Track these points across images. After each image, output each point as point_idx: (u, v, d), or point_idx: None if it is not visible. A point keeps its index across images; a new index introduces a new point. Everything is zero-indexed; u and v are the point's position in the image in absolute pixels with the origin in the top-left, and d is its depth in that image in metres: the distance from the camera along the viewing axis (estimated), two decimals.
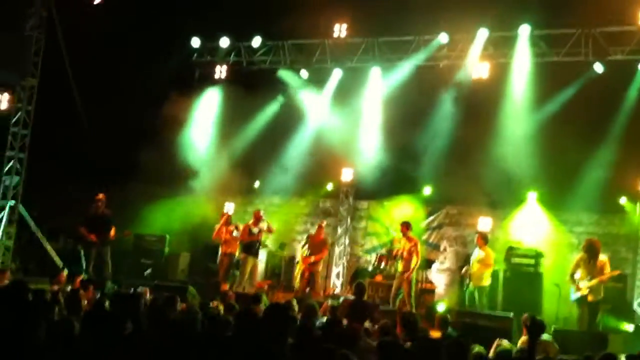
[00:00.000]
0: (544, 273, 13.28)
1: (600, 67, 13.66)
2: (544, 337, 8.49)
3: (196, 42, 16.89)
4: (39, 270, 13.02)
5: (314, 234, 13.59)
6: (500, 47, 14.68)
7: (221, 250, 13.77)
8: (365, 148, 15.95)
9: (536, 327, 6.40)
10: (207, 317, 7.16)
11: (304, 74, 16.45)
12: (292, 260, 14.97)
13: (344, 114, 16.15)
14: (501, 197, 14.17)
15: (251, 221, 13.54)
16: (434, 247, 15.47)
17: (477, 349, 6.76)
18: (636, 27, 13.19)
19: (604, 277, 10.85)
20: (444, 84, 15.03)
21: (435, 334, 8.74)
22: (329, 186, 16.51)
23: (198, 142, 16.84)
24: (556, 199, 14.02)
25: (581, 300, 11.00)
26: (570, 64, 13.97)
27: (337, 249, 16.15)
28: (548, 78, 13.91)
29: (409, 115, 15.12)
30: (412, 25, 14.94)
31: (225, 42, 16.62)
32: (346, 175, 16.06)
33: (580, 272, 11.04)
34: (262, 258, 15.89)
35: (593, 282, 10.85)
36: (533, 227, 14.40)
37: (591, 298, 10.88)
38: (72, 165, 16.16)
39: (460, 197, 15.14)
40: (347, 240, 16.42)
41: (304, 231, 16.33)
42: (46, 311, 6.33)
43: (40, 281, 11.70)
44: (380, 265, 13.74)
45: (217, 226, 13.82)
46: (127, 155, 15.78)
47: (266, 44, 16.49)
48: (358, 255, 15.38)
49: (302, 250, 13.50)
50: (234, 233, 13.58)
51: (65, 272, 11.71)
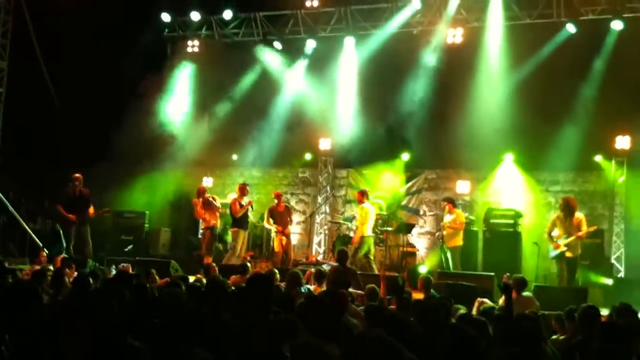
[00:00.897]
0: (522, 232, 13.46)
1: (572, 27, 13.73)
2: (525, 294, 8.69)
3: (166, 17, 16.71)
4: (19, 251, 12.93)
5: (275, 205, 13.60)
6: (473, 11, 14.71)
7: (202, 224, 13.69)
8: (342, 117, 15.95)
9: (508, 287, 6.57)
10: (189, 290, 7.21)
11: (278, 45, 16.34)
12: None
13: (319, 84, 16.11)
14: (478, 160, 14.27)
15: (237, 195, 13.47)
16: (414, 211, 15.58)
17: (462, 310, 6.88)
18: None
19: (580, 234, 11.07)
20: (419, 50, 15.02)
21: (418, 295, 8.86)
22: (308, 156, 16.51)
23: (174, 117, 16.71)
24: (532, 160, 14.17)
25: (560, 257, 11.23)
26: (543, 25, 14.05)
27: (317, 218, 16.23)
28: (522, 41, 13.96)
29: (384, 82, 15.15)
30: None
31: (196, 16, 16.48)
32: (324, 144, 16.09)
33: (558, 230, 11.25)
34: None
35: (570, 239, 11.06)
36: (511, 188, 14.56)
37: (569, 254, 11.11)
38: (47, 146, 16.02)
39: (438, 161, 15.28)
40: (327, 208, 16.49)
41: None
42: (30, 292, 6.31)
43: (21, 262, 11.70)
44: None
45: (197, 206, 13.59)
46: (102, 134, 15.65)
47: (238, 16, 16.37)
48: (339, 223, 15.43)
49: (269, 223, 13.49)
50: (216, 203, 13.43)
51: (45, 252, 11.70)
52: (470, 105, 14.21)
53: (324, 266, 11.89)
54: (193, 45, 16.88)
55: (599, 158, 13.98)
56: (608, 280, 12.25)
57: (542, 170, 14.54)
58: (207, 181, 16.95)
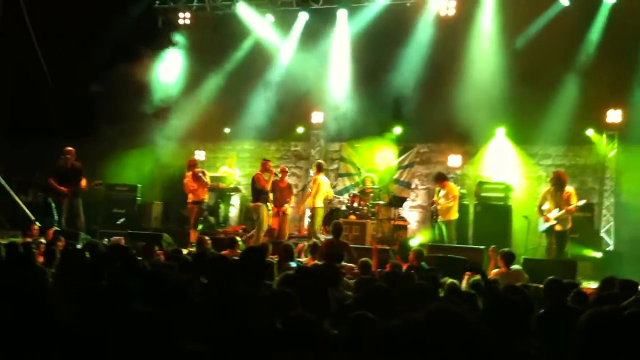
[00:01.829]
0: (513, 206, 13.52)
1: (566, 0, 13.68)
2: (514, 267, 8.77)
3: None
4: (11, 223, 12.93)
5: (279, 180, 13.62)
6: None
7: (189, 198, 13.53)
8: (334, 90, 15.91)
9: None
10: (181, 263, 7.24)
11: (270, 17, 16.22)
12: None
13: (312, 57, 16.01)
14: (470, 134, 14.30)
15: (260, 170, 13.42)
16: (406, 185, 15.62)
17: (450, 281, 6.93)
18: None
19: (570, 208, 11.16)
20: (412, 23, 14.96)
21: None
22: (300, 129, 16.48)
23: (166, 90, 16.62)
24: (524, 133, 14.18)
25: (549, 231, 11.33)
26: None
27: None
28: (515, 13, 13.90)
29: (377, 56, 15.09)
30: None
31: None
32: (316, 118, 16.06)
33: (548, 204, 11.34)
34: (235, 203, 15.98)
35: (560, 213, 11.14)
36: (502, 161, 14.60)
37: (559, 228, 11.22)
38: (38, 119, 15.95)
39: (430, 135, 15.27)
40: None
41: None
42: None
43: (13, 234, 11.69)
44: (353, 205, 13.87)
45: (186, 179, 13.49)
46: (94, 107, 15.60)
47: None
48: (331, 197, 15.46)
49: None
50: (205, 178, 13.42)
51: (37, 225, 11.71)
52: (463, 79, 14.18)
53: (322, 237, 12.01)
54: (184, 17, 16.72)
55: (590, 132, 14.01)
56: (597, 254, 12.36)
57: (533, 144, 14.57)
58: (199, 154, 16.91)
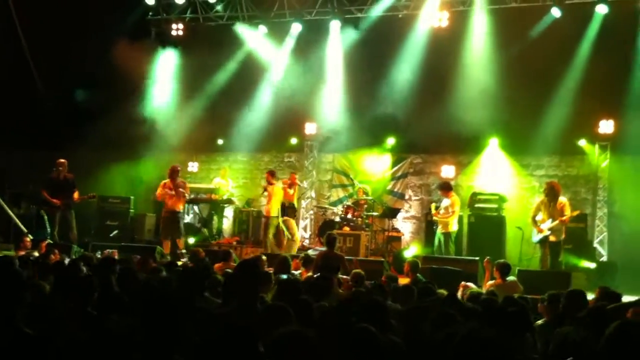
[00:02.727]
0: (506, 217, 13.53)
1: (557, 11, 13.75)
2: (510, 278, 8.77)
3: (150, 0, 16.52)
4: (4, 237, 12.85)
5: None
6: None
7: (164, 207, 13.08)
8: (328, 101, 15.93)
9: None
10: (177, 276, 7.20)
11: (263, 28, 16.25)
12: (259, 216, 15.00)
13: (305, 68, 16.06)
14: (463, 145, 14.34)
15: (287, 184, 13.50)
16: (399, 196, 15.63)
17: (447, 293, 6.91)
18: None
19: (564, 219, 11.16)
20: (405, 34, 15.01)
21: (404, 280, 8.92)
22: (293, 140, 16.49)
23: (158, 101, 16.62)
24: (517, 144, 14.23)
25: (543, 241, 11.33)
26: (528, 9, 14.06)
27: (303, 202, 16.26)
28: (507, 25, 13.97)
29: (370, 66, 15.16)
30: None
31: None
32: (310, 129, 16.07)
33: (542, 214, 11.34)
34: (228, 215, 15.95)
35: (554, 223, 11.15)
36: (495, 172, 14.64)
37: (553, 238, 11.22)
38: (30, 131, 15.88)
39: (424, 146, 15.30)
40: (313, 193, 16.52)
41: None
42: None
43: (5, 247, 11.62)
44: (347, 216, 13.87)
45: (160, 186, 13.02)
46: (87, 119, 15.54)
47: None
48: (324, 208, 15.46)
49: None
50: (184, 190, 13.01)
51: (29, 238, 11.63)
52: (456, 90, 14.23)
53: (310, 251, 11.97)
54: (177, 29, 16.72)
55: (582, 142, 14.07)
56: (591, 264, 12.38)
57: (526, 154, 14.62)
58: (193, 166, 16.92)
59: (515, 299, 6.12)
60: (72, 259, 9.25)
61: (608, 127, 13.59)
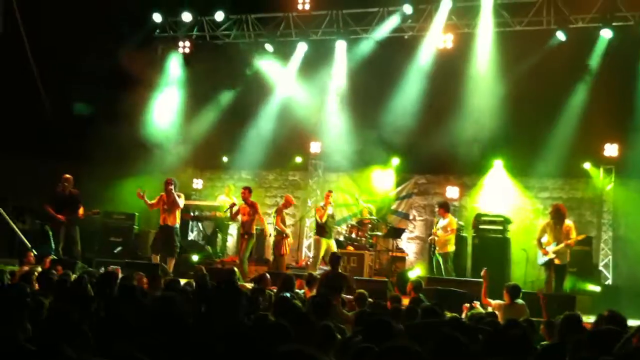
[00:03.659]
0: (511, 238, 13.51)
1: (562, 35, 13.82)
2: (519, 301, 8.71)
3: (158, 17, 16.63)
4: (7, 251, 12.84)
5: (283, 207, 13.68)
6: (464, 17, 14.75)
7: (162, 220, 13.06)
8: (333, 120, 15.98)
9: None
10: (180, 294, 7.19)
11: (269, 47, 16.34)
12: (262, 234, 14.99)
13: (310, 87, 16.14)
14: (468, 166, 14.35)
15: (323, 203, 13.22)
16: (404, 216, 15.62)
17: (449, 315, 6.90)
18: None
19: (570, 242, 11.14)
20: (410, 55, 15.08)
21: (407, 301, 8.88)
22: (298, 159, 16.54)
23: (164, 118, 16.67)
24: (521, 166, 14.27)
25: (548, 264, 11.30)
26: (533, 32, 14.14)
27: (307, 221, 16.23)
28: (512, 47, 14.04)
29: (375, 87, 15.19)
30: None
31: (187, 16, 16.40)
32: (315, 148, 16.11)
33: (547, 237, 11.32)
34: (233, 232, 15.93)
35: (559, 246, 11.13)
36: (500, 193, 14.64)
37: (558, 261, 11.19)
38: (36, 145, 15.92)
39: (428, 166, 15.33)
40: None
41: (274, 205, 16.35)
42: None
43: (9, 262, 11.61)
44: (351, 236, 13.84)
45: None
46: (91, 134, 15.57)
47: (229, 17, 16.32)
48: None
49: (279, 225, 13.46)
50: (179, 201, 12.91)
51: (33, 253, 11.62)
52: (461, 111, 14.28)
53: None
54: (184, 46, 16.81)
55: (587, 165, 14.09)
56: (596, 288, 12.33)
57: (531, 176, 14.63)
58: (197, 183, 16.95)
59: (517, 322, 6.10)
60: (78, 275, 9.22)
61: (613, 150, 13.62)
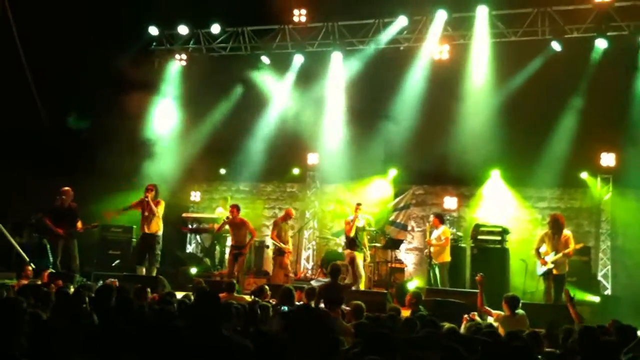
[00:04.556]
0: (510, 249, 13.50)
1: (557, 45, 13.88)
2: (519, 312, 8.68)
3: (154, 30, 16.68)
4: (5, 265, 12.79)
5: (281, 220, 13.65)
6: (459, 28, 14.82)
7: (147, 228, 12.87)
8: (329, 132, 16.01)
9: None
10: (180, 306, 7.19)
11: (265, 60, 16.38)
12: (261, 246, 14.98)
13: (307, 98, 16.18)
14: (465, 176, 14.37)
15: (352, 216, 12.77)
16: (402, 227, 15.56)
17: (447, 325, 6.88)
18: (591, 4, 13.44)
19: (568, 252, 11.13)
20: (406, 66, 15.13)
21: (406, 312, 8.86)
22: (295, 171, 16.55)
23: (161, 130, 16.67)
24: (519, 176, 14.29)
25: (547, 274, 11.29)
26: (528, 43, 14.21)
27: (305, 233, 16.23)
28: (508, 58, 14.12)
29: (372, 98, 15.24)
30: (372, 8, 14.99)
31: (183, 29, 16.46)
32: (312, 159, 16.14)
33: (546, 247, 11.32)
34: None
35: (558, 256, 11.12)
36: (497, 204, 14.65)
37: (556, 271, 11.18)
38: (33, 160, 15.90)
39: (426, 177, 15.35)
40: (315, 223, 16.50)
41: (272, 216, 16.37)
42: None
43: (7, 276, 11.56)
44: None
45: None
46: (88, 147, 15.57)
47: (225, 30, 16.36)
48: (327, 238, 15.44)
49: (275, 238, 13.38)
50: (156, 209, 12.71)
51: (31, 267, 11.58)
52: (457, 121, 14.32)
53: (313, 282, 11.91)
54: (180, 59, 16.88)
55: (584, 175, 14.13)
56: (595, 298, 12.32)
57: (528, 186, 14.67)
58: (195, 195, 16.93)
59: (517, 334, 6.08)
60: (75, 288, 9.18)
61: (610, 159, 13.67)
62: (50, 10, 14.39)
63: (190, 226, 15.99)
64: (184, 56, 16.87)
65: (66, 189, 12.76)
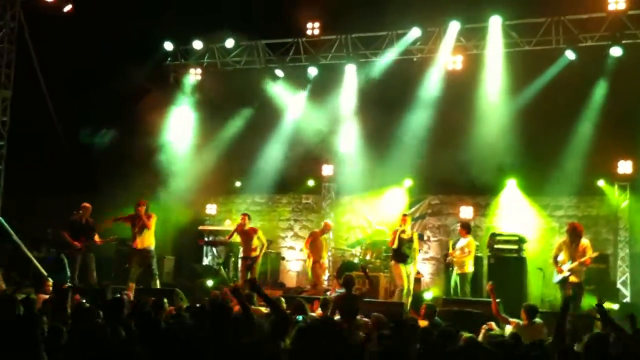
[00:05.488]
0: (527, 258, 13.42)
1: (571, 54, 13.86)
2: (537, 320, 8.64)
3: (169, 45, 16.82)
4: (23, 280, 12.88)
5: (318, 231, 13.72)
6: (473, 38, 14.83)
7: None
8: (344, 143, 16.04)
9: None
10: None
11: (279, 72, 16.47)
12: (278, 257, 15.00)
13: (321, 110, 16.22)
14: (481, 186, 14.33)
15: (399, 226, 12.41)
16: (418, 237, 15.53)
17: (466, 335, 6.85)
18: (604, 13, 13.41)
19: (584, 260, 11.05)
20: (419, 77, 15.15)
21: (423, 323, 8.82)
22: (311, 182, 16.59)
23: (177, 144, 16.77)
24: (535, 185, 14.23)
25: (564, 282, 11.20)
26: (542, 52, 14.18)
27: None
28: (522, 67, 14.10)
29: (386, 109, 15.24)
30: (385, 21, 15.05)
31: (198, 44, 16.58)
32: (327, 170, 16.18)
33: (563, 255, 11.24)
34: None
35: (574, 264, 11.03)
36: (514, 213, 14.59)
37: (574, 279, 11.09)
38: (50, 175, 16.07)
39: (441, 187, 15.34)
40: (331, 234, 16.47)
41: (288, 228, 16.44)
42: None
43: (25, 291, 11.62)
44: (366, 258, 13.80)
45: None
46: (104, 162, 15.72)
47: (240, 44, 16.47)
48: (343, 249, 15.43)
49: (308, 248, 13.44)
50: (148, 222, 12.68)
51: (50, 281, 11.64)
52: (472, 131, 14.31)
53: (328, 293, 11.91)
54: (195, 74, 17.02)
55: (601, 183, 14.06)
56: (614, 306, 12.20)
57: (545, 195, 14.60)
58: (211, 208, 16.99)
59: (536, 343, 6.05)
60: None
61: (627, 167, 13.60)
62: (65, 26, 14.57)
63: (206, 239, 16.04)
64: (199, 70, 17.00)
65: (86, 204, 12.91)
